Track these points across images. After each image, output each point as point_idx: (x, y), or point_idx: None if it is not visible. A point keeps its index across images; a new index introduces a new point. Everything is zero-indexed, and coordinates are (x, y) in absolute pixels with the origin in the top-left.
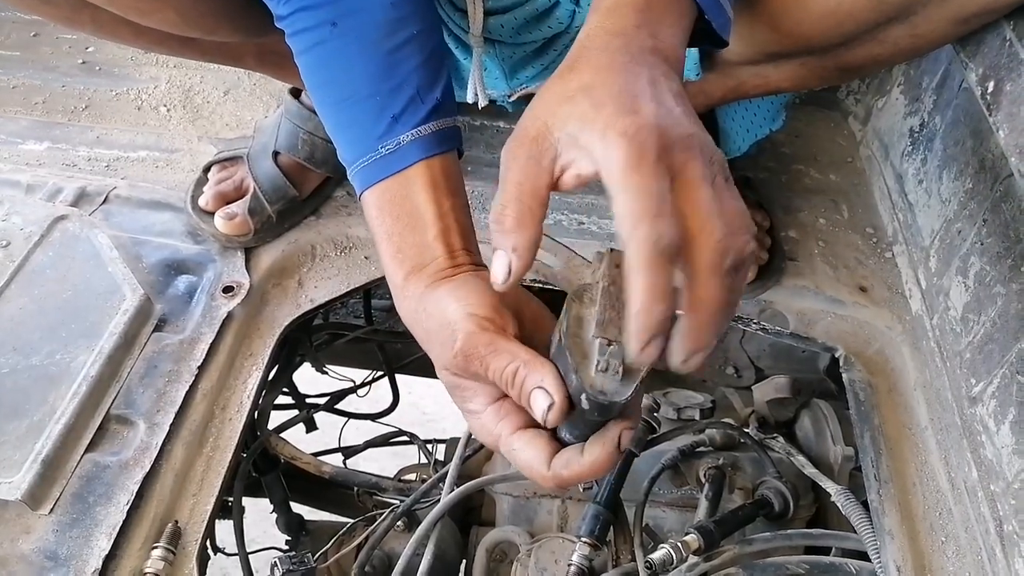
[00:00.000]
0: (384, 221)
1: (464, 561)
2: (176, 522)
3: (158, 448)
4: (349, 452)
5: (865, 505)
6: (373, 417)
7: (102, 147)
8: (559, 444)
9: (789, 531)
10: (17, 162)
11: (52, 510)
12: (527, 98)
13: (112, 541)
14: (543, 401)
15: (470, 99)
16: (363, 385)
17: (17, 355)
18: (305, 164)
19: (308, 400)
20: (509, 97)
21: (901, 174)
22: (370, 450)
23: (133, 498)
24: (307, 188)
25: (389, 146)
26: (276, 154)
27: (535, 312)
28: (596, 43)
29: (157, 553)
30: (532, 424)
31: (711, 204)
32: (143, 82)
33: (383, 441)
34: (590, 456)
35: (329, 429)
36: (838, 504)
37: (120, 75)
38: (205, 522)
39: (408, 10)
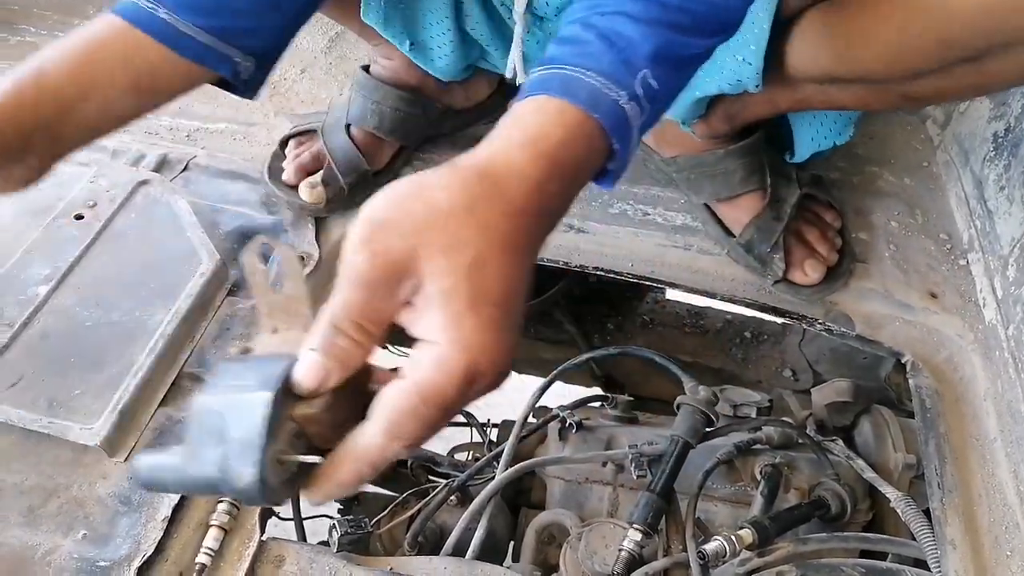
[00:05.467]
0: None
1: (512, 542)
2: None
3: None
4: None
5: (926, 513)
6: None
7: (183, 118)
8: None
9: (846, 533)
10: None
11: (128, 458)
12: None
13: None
14: None
15: (508, 75)
16: None
17: (99, 310)
18: (375, 133)
19: None
20: None
21: (981, 180)
22: None
23: None
24: (379, 161)
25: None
26: (348, 126)
27: None
28: (511, 184)
29: (223, 507)
30: None
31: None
32: None
33: None
34: None
35: None
36: (898, 510)
37: None
38: None
39: None
